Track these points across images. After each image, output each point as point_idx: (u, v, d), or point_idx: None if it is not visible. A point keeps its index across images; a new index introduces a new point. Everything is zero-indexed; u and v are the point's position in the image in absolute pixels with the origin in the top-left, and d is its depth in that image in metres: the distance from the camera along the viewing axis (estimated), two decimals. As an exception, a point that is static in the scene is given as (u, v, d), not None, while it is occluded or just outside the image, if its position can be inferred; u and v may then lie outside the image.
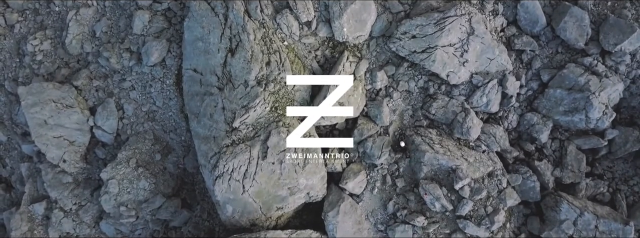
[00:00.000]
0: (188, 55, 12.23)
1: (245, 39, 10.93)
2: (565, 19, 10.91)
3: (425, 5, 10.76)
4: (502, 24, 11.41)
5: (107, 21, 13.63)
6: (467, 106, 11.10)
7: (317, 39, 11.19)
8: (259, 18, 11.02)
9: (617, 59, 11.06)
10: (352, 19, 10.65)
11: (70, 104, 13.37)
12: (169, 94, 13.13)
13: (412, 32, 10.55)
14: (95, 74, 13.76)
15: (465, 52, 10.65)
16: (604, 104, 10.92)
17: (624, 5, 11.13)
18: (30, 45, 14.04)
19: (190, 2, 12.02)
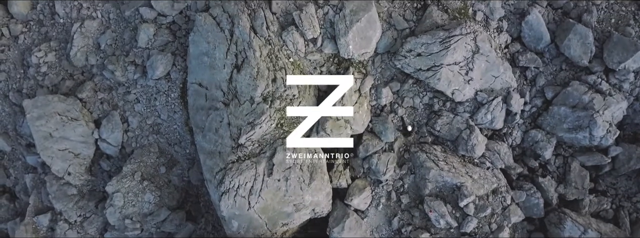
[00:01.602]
0: (193, 69, 12.27)
1: (251, 55, 10.97)
2: (569, 36, 10.97)
3: (430, 22, 10.81)
4: (506, 40, 11.47)
5: (112, 34, 13.66)
6: (471, 123, 11.16)
7: (323, 56, 11.24)
8: (265, 35, 11.07)
9: (621, 77, 11.12)
10: (358, 36, 10.70)
11: (75, 117, 13.41)
12: (173, 107, 13.17)
13: (418, 50, 10.60)
14: (100, 86, 13.79)
15: (470, 70, 10.71)
16: (607, 122, 10.99)
17: (627, 23, 11.19)
18: (35, 57, 14.06)
19: (196, 16, 12.06)
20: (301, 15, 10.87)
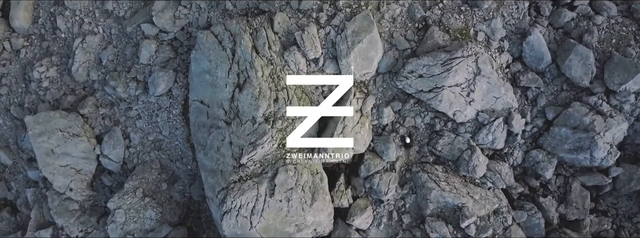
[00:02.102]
0: (195, 86, 12.29)
1: (253, 75, 11.00)
2: (570, 57, 11.01)
3: (432, 43, 10.85)
4: (507, 60, 11.51)
5: (113, 49, 13.68)
6: (473, 143, 11.20)
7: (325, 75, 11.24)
8: (267, 54, 11.09)
9: (621, 99, 11.16)
10: (359, 57, 10.73)
11: (77, 133, 13.43)
12: (175, 123, 13.19)
13: (419, 72, 10.64)
14: (101, 101, 13.81)
15: (472, 92, 10.74)
16: (608, 144, 11.03)
17: (628, 43, 11.23)
18: (37, 72, 14.08)
19: (197, 33, 12.08)
20: (303, 36, 10.90)
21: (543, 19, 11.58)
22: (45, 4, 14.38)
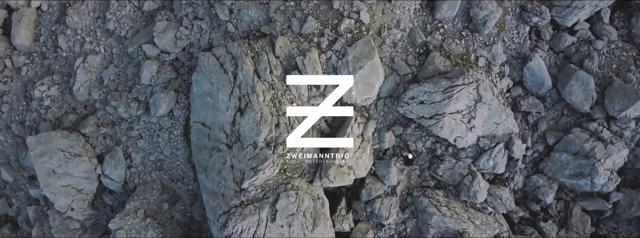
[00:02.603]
0: (196, 108, 12.32)
1: (254, 100, 11.03)
2: (571, 82, 11.06)
3: (433, 69, 10.89)
4: (508, 84, 11.56)
5: (115, 69, 13.70)
6: (473, 169, 11.24)
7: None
8: (268, 79, 11.12)
9: (622, 125, 11.21)
10: (361, 82, 10.77)
11: (78, 153, 13.45)
12: (176, 144, 13.22)
13: (420, 98, 10.68)
14: (102, 120, 13.84)
15: (473, 119, 10.79)
16: (609, 170, 11.08)
17: (628, 68, 11.28)
18: (38, 91, 14.10)
19: (199, 55, 12.11)
20: (304, 61, 10.93)
21: (543, 43, 11.63)
22: (47, 23, 14.42)
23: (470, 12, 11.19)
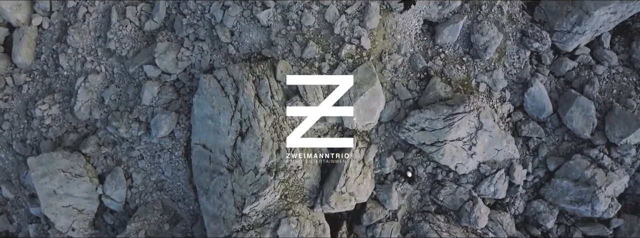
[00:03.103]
0: (197, 130, 12.33)
1: (255, 125, 11.05)
2: (571, 108, 11.09)
3: (434, 95, 10.91)
4: (509, 109, 11.58)
5: (116, 88, 13.70)
6: (474, 194, 11.27)
7: (327, 125, 11.32)
8: (270, 104, 11.14)
9: (622, 152, 11.24)
10: (362, 108, 10.79)
11: (79, 173, 13.46)
12: (177, 164, 13.23)
13: (421, 125, 10.70)
14: (103, 140, 13.84)
15: (474, 146, 10.81)
16: (609, 197, 11.11)
17: (629, 94, 11.31)
18: (39, 110, 14.09)
19: (200, 78, 12.12)
20: (305, 86, 10.95)
21: (544, 68, 11.66)
22: (48, 41, 14.41)
23: (471, 38, 11.22)
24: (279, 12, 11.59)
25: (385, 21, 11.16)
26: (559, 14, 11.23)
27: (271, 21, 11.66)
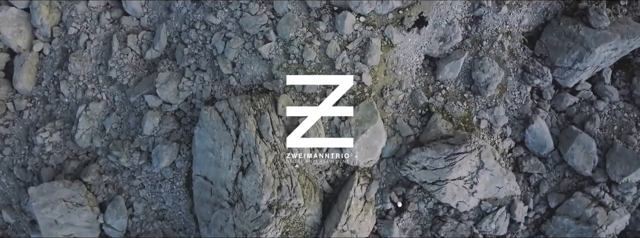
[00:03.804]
0: (198, 161, 12.34)
1: (257, 161, 11.05)
2: (572, 145, 11.10)
3: (435, 132, 10.92)
4: (510, 145, 11.60)
5: (117, 117, 13.71)
6: (475, 231, 11.29)
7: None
8: (271, 140, 11.15)
9: (624, 190, 11.26)
10: (363, 146, 10.80)
11: (80, 202, 13.47)
12: (178, 194, 13.24)
13: (423, 163, 10.72)
14: (104, 168, 13.85)
15: (475, 184, 10.84)
16: (610, 235, 11.12)
17: (629, 131, 11.33)
18: (40, 137, 14.09)
19: (201, 110, 12.12)
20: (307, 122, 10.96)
21: (545, 103, 11.67)
22: (49, 67, 14.42)
23: (473, 75, 11.24)
24: (281, 45, 11.61)
25: (386, 57, 11.18)
26: (560, 50, 11.26)
27: (273, 54, 11.68)
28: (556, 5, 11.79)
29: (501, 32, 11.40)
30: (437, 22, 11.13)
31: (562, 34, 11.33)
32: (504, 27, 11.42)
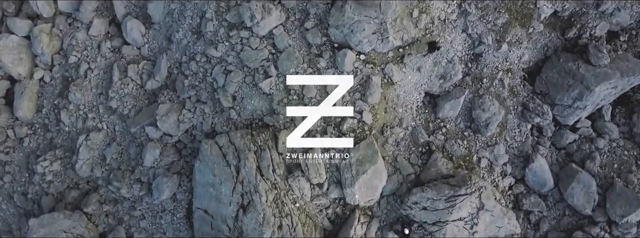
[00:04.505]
0: (199, 195, 12.35)
1: (257, 200, 11.07)
2: (572, 185, 11.12)
3: (435, 171, 10.94)
4: (510, 183, 11.61)
5: (118, 146, 13.72)
6: (476, 269, 11.29)
7: (329, 199, 11.34)
8: (271, 178, 11.16)
9: (623, 230, 11.27)
10: (364, 186, 10.81)
11: (81, 233, 13.47)
12: (179, 226, 13.26)
13: (423, 204, 10.74)
14: (105, 197, 13.87)
15: (475, 225, 10.85)
16: (611, 276, 11.17)
17: (629, 169, 11.35)
18: (40, 167, 14.10)
19: (201, 143, 12.14)
20: (307, 162, 10.97)
21: (545, 140, 11.69)
22: (49, 95, 14.43)
23: (473, 114, 11.26)
24: (281, 81, 11.62)
25: (386, 94, 11.19)
26: (560, 87, 11.28)
27: (273, 89, 11.69)
28: (556, 41, 11.82)
29: (501, 70, 11.42)
30: (438, 60, 11.16)
31: (562, 70, 11.36)
32: (504, 64, 11.45)
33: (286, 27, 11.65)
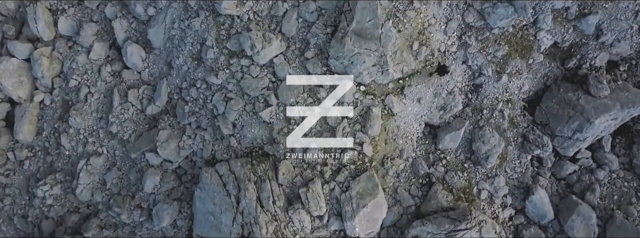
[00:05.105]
0: (199, 222, 12.34)
1: (257, 231, 11.07)
2: (572, 217, 11.13)
3: (436, 204, 10.94)
4: (510, 213, 11.62)
5: (118, 172, 13.72)
6: (477, 301, 11.30)
7: (329, 231, 11.34)
8: (271, 210, 11.16)
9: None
10: (364, 219, 10.82)
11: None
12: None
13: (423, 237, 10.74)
14: (105, 222, 13.86)
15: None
16: None
17: (629, 201, 11.35)
18: (41, 190, 14.10)
19: (202, 171, 12.14)
20: (307, 194, 10.98)
21: (545, 170, 11.70)
22: (49, 118, 14.43)
23: (473, 146, 11.27)
24: (281, 110, 11.61)
25: (387, 125, 11.19)
26: (560, 118, 11.28)
27: (273, 119, 11.68)
28: (556, 70, 11.83)
29: (501, 100, 11.43)
30: (438, 91, 11.17)
31: (562, 101, 11.37)
32: (504, 95, 11.45)
33: (286, 56, 11.65)
